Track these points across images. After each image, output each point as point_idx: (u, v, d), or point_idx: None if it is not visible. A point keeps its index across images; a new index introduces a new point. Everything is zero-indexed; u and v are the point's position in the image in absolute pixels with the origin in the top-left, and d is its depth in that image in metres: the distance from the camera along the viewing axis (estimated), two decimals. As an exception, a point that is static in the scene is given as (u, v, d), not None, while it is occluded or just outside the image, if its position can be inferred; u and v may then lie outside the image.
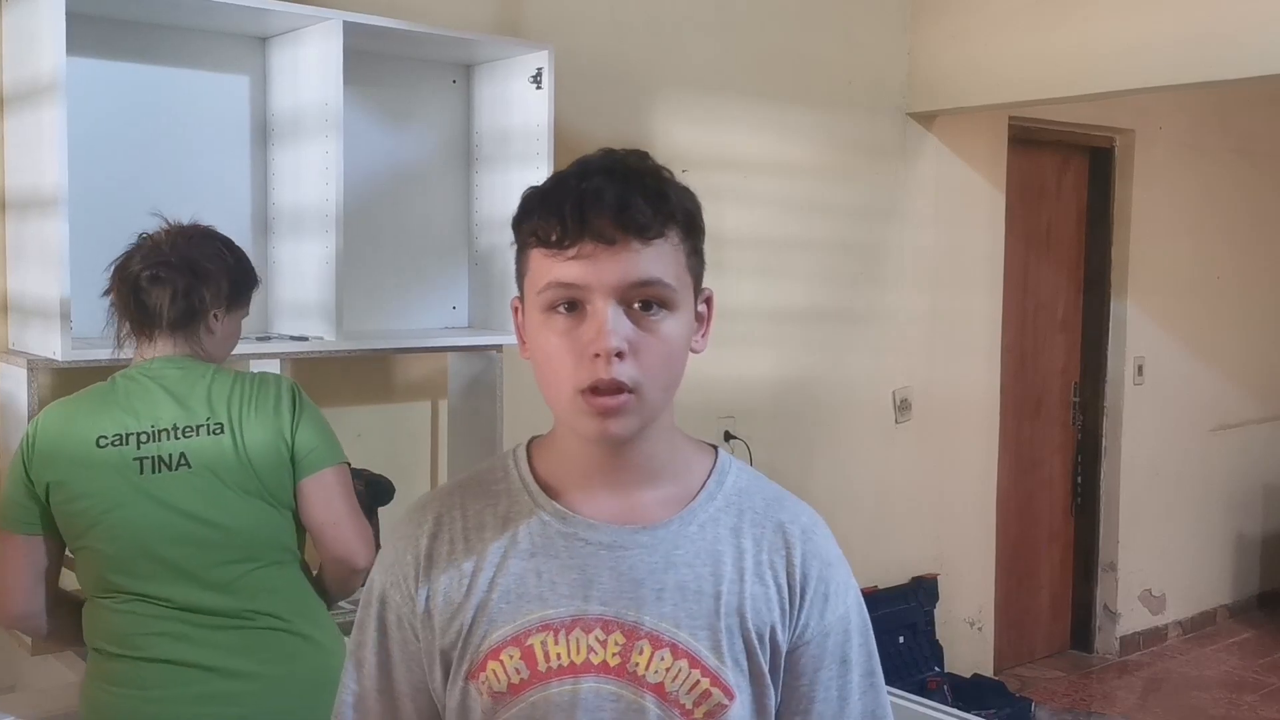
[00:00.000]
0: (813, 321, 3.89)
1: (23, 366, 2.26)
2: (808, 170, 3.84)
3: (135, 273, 1.94)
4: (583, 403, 1.07)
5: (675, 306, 1.09)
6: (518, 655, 1.11)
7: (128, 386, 1.94)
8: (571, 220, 1.05)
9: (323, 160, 2.52)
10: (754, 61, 3.67)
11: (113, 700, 1.90)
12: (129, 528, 1.88)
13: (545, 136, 2.79)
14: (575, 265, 1.06)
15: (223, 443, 1.91)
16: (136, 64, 2.51)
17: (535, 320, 1.10)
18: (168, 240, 1.98)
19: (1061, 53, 3.67)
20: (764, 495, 1.19)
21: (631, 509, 1.14)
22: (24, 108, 2.31)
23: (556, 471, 1.17)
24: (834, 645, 1.16)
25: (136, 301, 1.94)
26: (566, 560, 1.12)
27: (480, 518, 1.16)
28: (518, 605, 1.12)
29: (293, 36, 2.59)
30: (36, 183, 2.26)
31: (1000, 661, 4.77)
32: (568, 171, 1.11)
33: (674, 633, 1.10)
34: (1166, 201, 5.16)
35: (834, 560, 1.18)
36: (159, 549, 1.89)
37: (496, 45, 2.83)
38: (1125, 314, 5.07)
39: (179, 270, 1.94)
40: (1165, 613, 5.40)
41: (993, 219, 4.51)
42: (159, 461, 1.89)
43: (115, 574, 1.90)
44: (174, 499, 1.89)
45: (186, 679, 1.88)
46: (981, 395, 4.56)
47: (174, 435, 1.90)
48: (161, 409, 1.91)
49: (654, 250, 1.07)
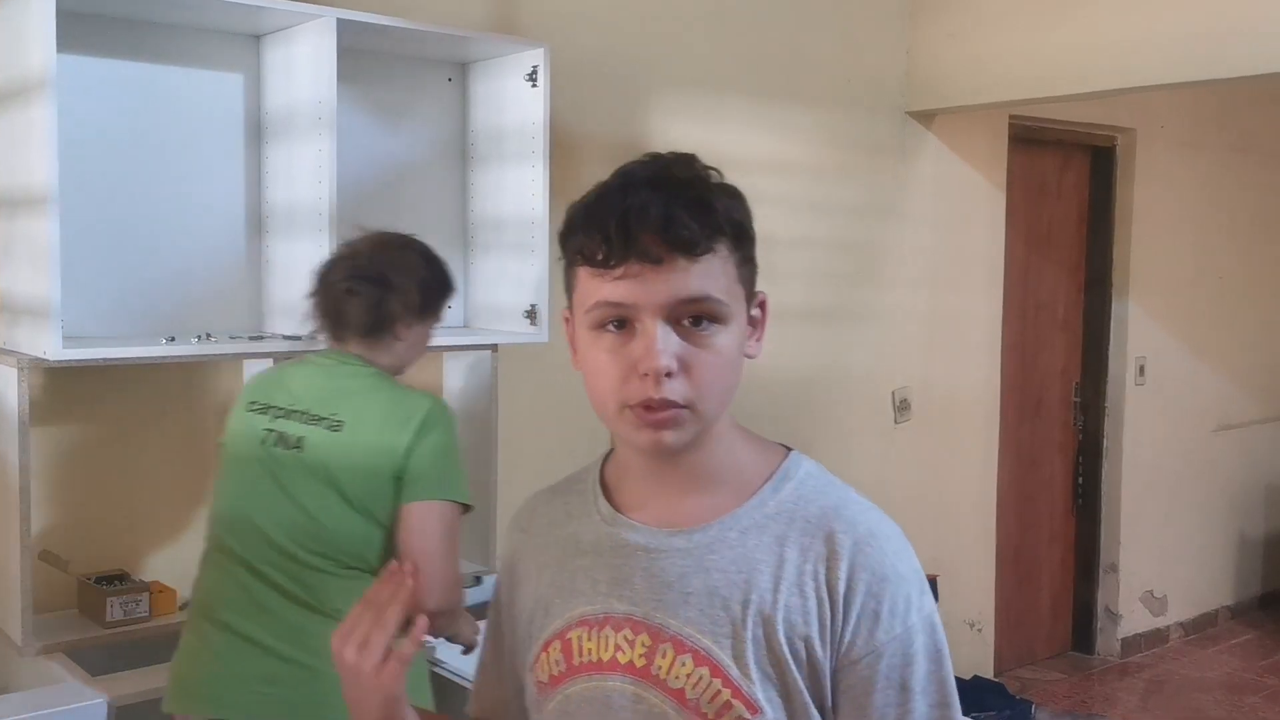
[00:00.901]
0: (811, 321, 3.88)
1: (14, 366, 2.24)
2: (806, 169, 3.82)
3: (334, 283, 2.10)
4: (632, 416, 1.06)
5: (726, 319, 1.07)
6: (559, 648, 1.14)
7: (299, 366, 2.13)
8: (616, 240, 1.03)
9: (316, 159, 2.50)
10: (752, 59, 3.66)
11: (182, 656, 2.07)
12: (241, 489, 2.05)
13: (541, 135, 2.77)
14: (622, 285, 1.04)
15: (335, 439, 2.00)
16: (128, 61, 2.49)
17: (585, 336, 1.09)
18: (367, 250, 2.12)
19: (1062, 51, 3.65)
20: (823, 503, 1.12)
21: (677, 513, 1.13)
22: (14, 105, 2.29)
23: (619, 474, 1.19)
24: (889, 668, 1.06)
25: (334, 309, 2.09)
26: (609, 559, 1.14)
27: (555, 515, 1.21)
28: (567, 600, 1.15)
29: (286, 34, 2.57)
30: (27, 181, 2.25)
31: (1000, 663, 4.75)
32: (612, 184, 1.07)
33: (697, 639, 1.08)
34: (1168, 200, 5.14)
35: (891, 576, 1.08)
36: (258, 518, 2.02)
37: (492, 43, 2.82)
38: (1127, 313, 5.05)
39: (374, 283, 2.07)
40: (1167, 614, 5.38)
41: (993, 218, 4.49)
42: (281, 438, 2.04)
43: (221, 526, 2.08)
44: (282, 477, 2.02)
45: (246, 654, 1.99)
46: (981, 395, 4.54)
47: (302, 419, 2.04)
48: (306, 392, 2.06)
49: (702, 266, 1.04)
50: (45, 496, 2.42)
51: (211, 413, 2.69)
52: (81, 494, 2.53)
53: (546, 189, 2.79)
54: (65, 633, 2.35)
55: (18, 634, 2.26)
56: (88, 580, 2.43)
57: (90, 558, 2.52)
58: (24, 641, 2.25)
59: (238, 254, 2.67)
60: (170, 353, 2.36)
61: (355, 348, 2.10)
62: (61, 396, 2.49)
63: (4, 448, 2.29)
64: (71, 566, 2.43)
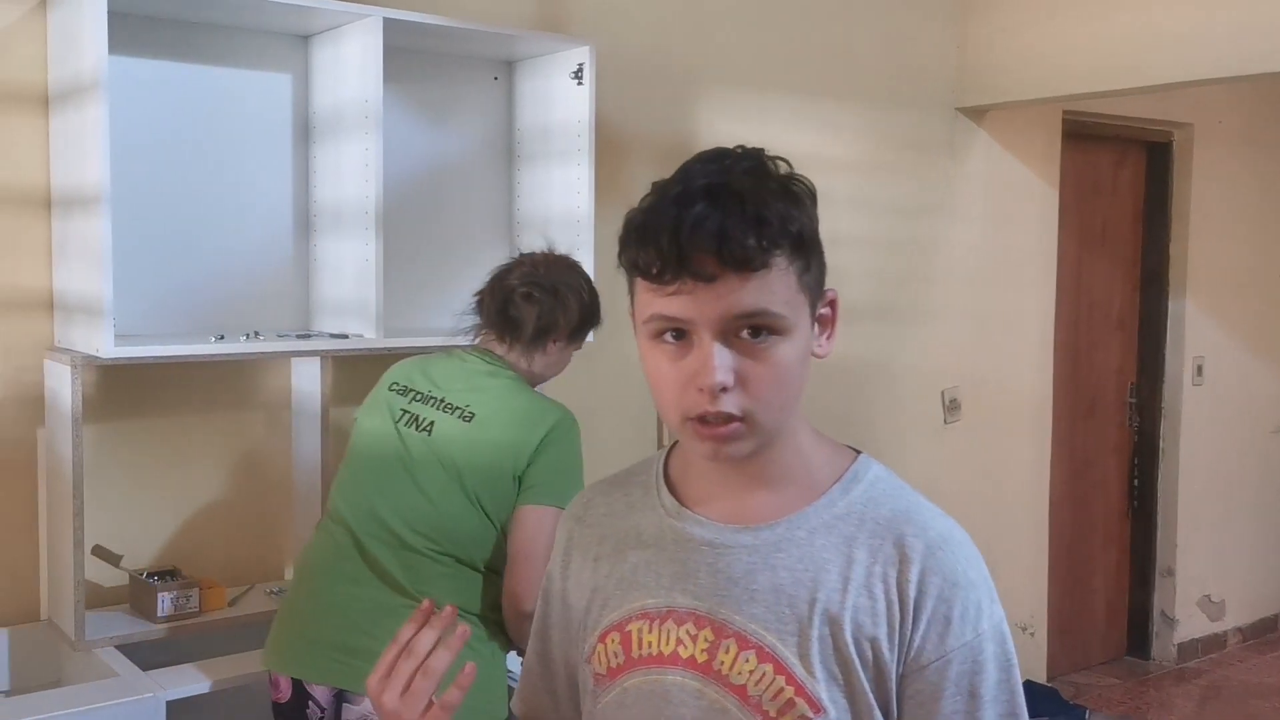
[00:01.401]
0: (860, 320, 3.84)
1: (67, 364, 2.27)
2: (855, 167, 3.78)
3: (512, 286, 2.18)
4: (693, 430, 1.06)
5: (785, 330, 1.05)
6: (617, 640, 1.14)
7: (445, 358, 2.22)
8: (670, 256, 1.01)
9: (363, 158, 2.51)
10: (799, 56, 3.62)
11: (279, 616, 2.18)
12: (366, 463, 2.14)
13: (587, 133, 2.77)
14: (676, 301, 1.02)
15: (463, 430, 2.09)
16: (178, 62, 2.52)
17: (644, 342, 1.09)
18: (544, 263, 2.23)
19: (1118, 43, 3.58)
20: (893, 507, 1.11)
21: (743, 509, 1.13)
22: (68, 106, 2.32)
23: (684, 468, 1.18)
24: (958, 675, 1.05)
25: (504, 312, 2.17)
26: (673, 553, 1.14)
27: (615, 506, 1.21)
28: (626, 592, 1.15)
29: (334, 34, 2.59)
30: (80, 181, 2.28)
31: (1054, 668, 4.67)
32: (669, 190, 1.04)
33: (761, 635, 1.08)
34: (1226, 197, 5.04)
35: (963, 582, 1.07)
36: (374, 493, 2.10)
37: (538, 41, 2.81)
38: (1184, 312, 4.95)
39: (547, 293, 2.17)
40: (1224, 619, 5.27)
41: (1045, 216, 4.43)
42: (414, 419, 2.12)
43: (338, 495, 2.16)
44: (406, 458, 2.09)
45: (332, 623, 2.06)
46: (1033, 395, 4.47)
47: (436, 405, 2.12)
48: (446, 382, 2.15)
49: (758, 281, 1.02)
50: (97, 492, 2.45)
51: (259, 410, 2.71)
52: (133, 490, 2.56)
53: (592, 188, 2.78)
54: (117, 628, 2.37)
55: (71, 628, 2.29)
56: (139, 575, 2.46)
57: (141, 553, 2.55)
58: (76, 635, 2.28)
59: (285, 253, 2.68)
60: (219, 351, 2.38)
61: (505, 350, 2.19)
62: (113, 394, 2.52)
63: (58, 444, 2.33)
64: (123, 562, 2.46)
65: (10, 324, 2.40)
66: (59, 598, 2.35)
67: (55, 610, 2.39)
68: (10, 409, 2.41)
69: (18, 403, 2.41)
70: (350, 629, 2.05)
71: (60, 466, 2.31)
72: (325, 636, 2.07)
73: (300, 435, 2.66)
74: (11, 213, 2.39)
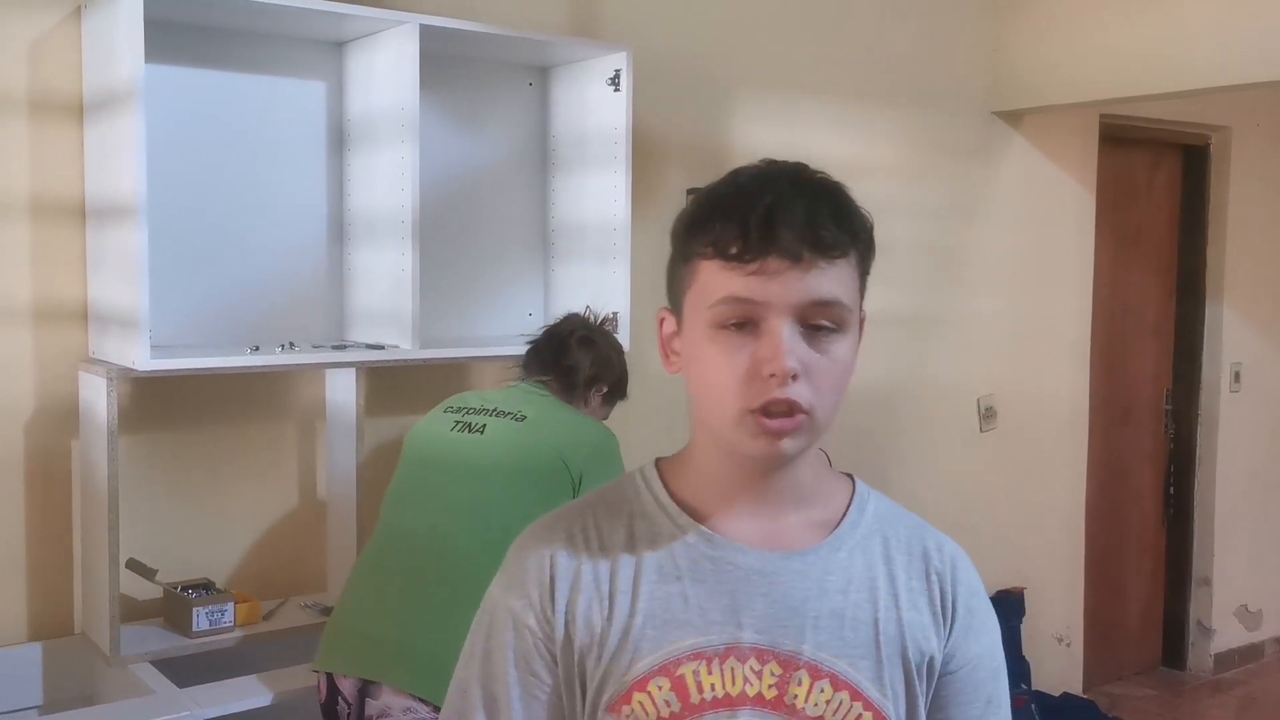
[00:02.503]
0: (893, 326, 3.79)
1: (102, 376, 2.25)
2: (889, 171, 3.74)
3: (567, 333, 2.36)
4: (753, 423, 1.02)
5: (848, 328, 1.05)
6: (668, 686, 1.04)
7: (507, 390, 2.33)
8: (757, 233, 1.00)
9: (399, 166, 2.48)
10: (834, 60, 3.58)
11: (333, 619, 2.19)
12: (420, 471, 2.20)
13: (623, 139, 2.73)
14: (756, 281, 1.00)
15: (515, 428, 2.17)
16: (214, 70, 2.49)
17: (699, 335, 1.04)
18: (591, 323, 2.43)
19: (1155, 47, 3.53)
20: (906, 523, 1.15)
21: (776, 533, 1.09)
22: (103, 115, 2.30)
23: (697, 492, 1.11)
24: (980, 681, 1.11)
25: (559, 358, 2.32)
26: (715, 585, 1.06)
27: (614, 537, 1.10)
28: (664, 631, 1.05)
29: (369, 41, 2.56)
30: (115, 190, 2.25)
31: (1089, 679, 4.61)
32: (744, 178, 1.05)
33: (833, 663, 1.05)
34: (1264, 201, 4.96)
35: (980, 591, 1.14)
36: (428, 497, 2.15)
37: (573, 47, 2.78)
38: (1221, 318, 4.88)
39: (599, 345, 2.37)
40: (1262, 629, 5.19)
41: (1081, 220, 4.37)
42: (468, 426, 2.20)
43: (391, 502, 2.21)
44: (459, 460, 2.15)
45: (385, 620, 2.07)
46: (1069, 402, 4.41)
47: (488, 414, 2.21)
48: (498, 399, 2.26)
49: (836, 270, 1.02)
50: (132, 505, 2.42)
51: (294, 422, 2.68)
52: (167, 503, 2.53)
53: (629, 195, 2.74)
54: (151, 642, 2.35)
55: (105, 642, 2.27)
56: (174, 589, 2.43)
57: (176, 566, 2.52)
58: (111, 650, 2.26)
59: (320, 262, 2.66)
60: (255, 362, 2.35)
61: (557, 389, 2.30)
62: (148, 406, 2.50)
63: (92, 457, 2.30)
64: (158, 575, 2.43)
65: (45, 335, 2.38)
66: (93, 612, 2.33)
67: (89, 624, 2.36)
68: (45, 421, 2.39)
69: (52, 415, 2.39)
70: (378, 618, 2.08)
71: (95, 479, 2.29)
72: (354, 627, 2.12)
73: (334, 447, 2.63)
74: (46, 223, 2.37)
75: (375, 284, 2.58)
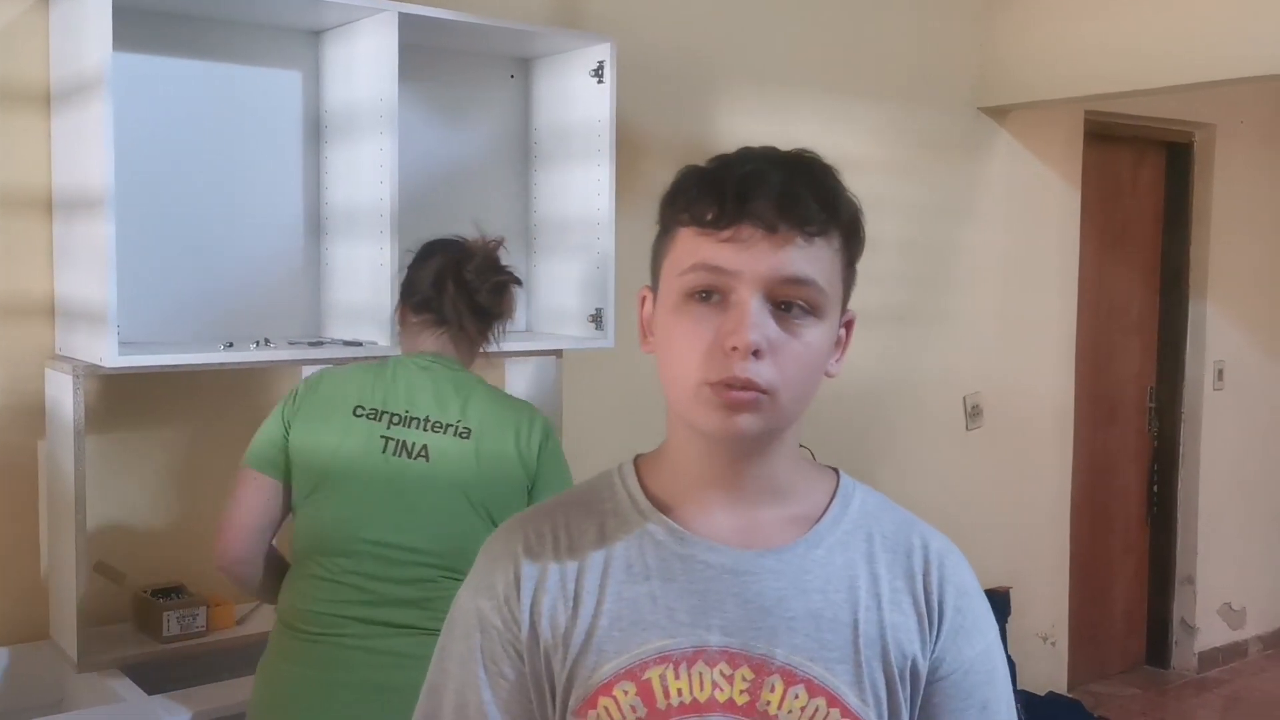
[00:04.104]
0: (880, 324, 3.75)
1: (69, 373, 2.18)
2: (875, 167, 3.70)
3: (482, 276, 2.05)
4: (710, 393, 0.98)
5: (822, 314, 1.00)
6: (633, 691, 1.00)
7: (397, 370, 2.01)
8: (733, 200, 0.97)
9: (377, 158, 2.42)
10: (821, 54, 3.54)
11: (291, 677, 1.91)
12: (354, 501, 1.92)
13: (607, 132, 2.68)
14: (728, 249, 0.97)
15: (466, 448, 1.95)
16: (186, 59, 2.43)
17: (668, 306, 1.02)
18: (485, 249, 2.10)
19: (1141, 43, 3.51)
20: (893, 519, 1.09)
21: (752, 529, 1.04)
22: (71, 105, 2.23)
23: (669, 487, 1.07)
24: (974, 686, 1.05)
25: (472, 305, 2.03)
26: (685, 584, 1.02)
27: (584, 536, 1.06)
28: (631, 633, 1.01)
29: (347, 30, 2.50)
30: (83, 182, 2.19)
31: (1073, 677, 4.59)
32: (731, 155, 1.03)
33: (809, 667, 1.00)
34: (1248, 198, 4.96)
35: (971, 590, 1.08)
36: (373, 531, 1.91)
37: (556, 38, 2.72)
38: (1204, 316, 4.87)
39: (508, 282, 2.09)
40: (1245, 627, 5.19)
41: (1067, 217, 4.35)
42: (402, 446, 1.94)
43: (325, 541, 1.93)
44: (404, 487, 1.92)
45: (359, 663, 1.88)
46: (1055, 401, 4.39)
47: (423, 426, 1.95)
48: (419, 398, 1.97)
49: (813, 249, 0.99)
50: (100, 507, 2.36)
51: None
52: (137, 504, 2.47)
53: (612, 189, 2.69)
54: (120, 647, 2.29)
55: (73, 648, 2.20)
56: (144, 593, 2.37)
57: (146, 570, 2.46)
58: (79, 656, 2.19)
59: (295, 257, 2.59)
60: (228, 359, 2.29)
61: (454, 345, 2.06)
62: (117, 404, 2.43)
63: (60, 456, 2.24)
64: (127, 579, 2.37)
65: (10, 331, 2.31)
66: (60, 616, 2.27)
67: (57, 629, 2.30)
68: (10, 420, 2.32)
69: (18, 413, 2.32)
70: (379, 666, 1.90)
71: (61, 479, 2.22)
72: (357, 678, 1.88)
73: (311, 446, 2.57)
74: (12, 215, 2.30)
75: (353, 279, 2.52)
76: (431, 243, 2.14)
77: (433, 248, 2.12)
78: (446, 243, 2.12)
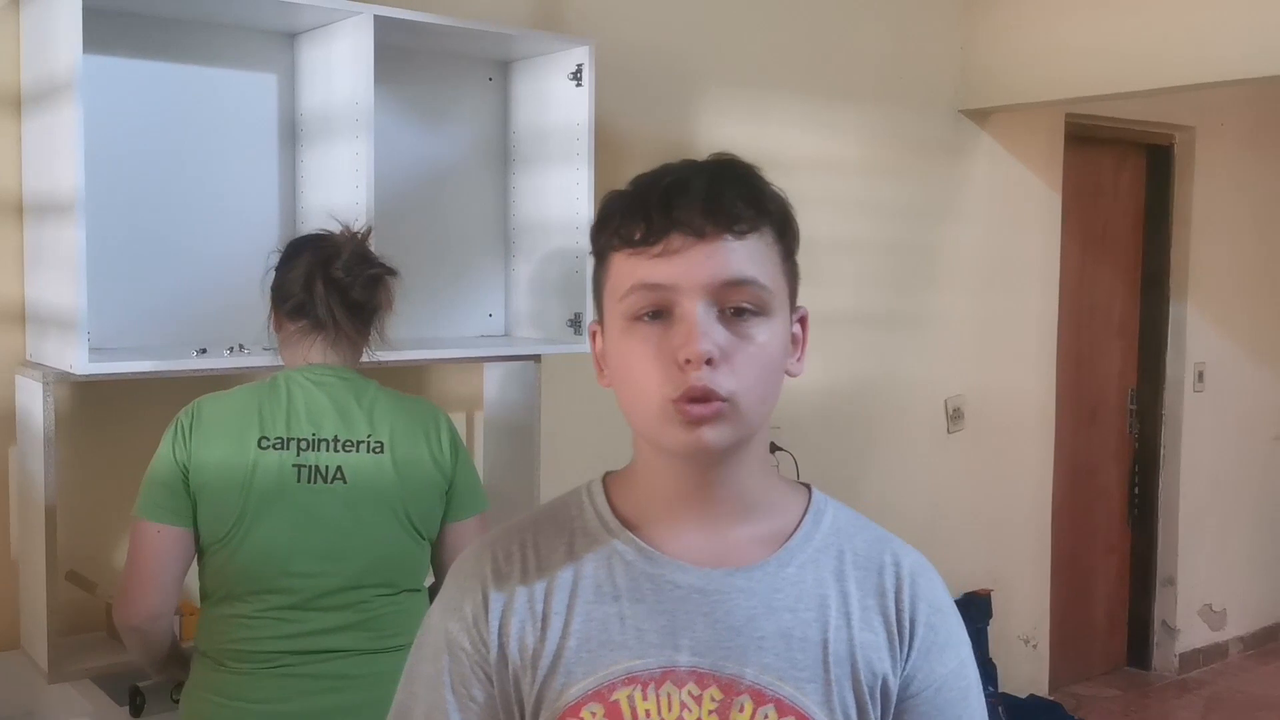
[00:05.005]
0: (860, 327, 3.74)
1: (39, 380, 2.15)
2: (856, 169, 3.69)
3: (351, 273, 1.91)
4: (673, 410, 0.96)
5: (771, 312, 0.99)
6: (601, 713, 0.99)
7: (291, 389, 1.89)
8: (657, 214, 0.96)
9: (353, 161, 2.40)
10: (801, 56, 3.53)
11: (225, 712, 1.84)
12: (275, 536, 1.83)
13: (586, 136, 2.66)
14: (662, 263, 0.97)
15: (382, 463, 1.88)
16: (158, 62, 2.40)
17: (617, 332, 1.01)
18: (352, 242, 1.96)
19: (1122, 46, 3.51)
20: (865, 536, 1.08)
21: (722, 548, 1.03)
22: (42, 108, 2.21)
23: (639, 505, 1.06)
24: (946, 703, 1.04)
25: (345, 304, 1.90)
26: (654, 605, 1.01)
27: (553, 555, 1.05)
28: (598, 654, 1.00)
29: (323, 32, 2.47)
30: (53, 186, 2.16)
31: (1055, 679, 4.59)
32: (650, 172, 1.02)
33: (778, 686, 0.99)
34: (1228, 201, 4.97)
35: (944, 607, 1.07)
36: (300, 563, 1.84)
37: (534, 40, 2.70)
38: (1185, 318, 4.89)
39: (384, 275, 1.96)
40: (1226, 628, 5.21)
41: (1048, 219, 4.35)
42: (316, 472, 1.85)
43: (250, 580, 1.84)
44: (325, 513, 1.85)
45: (304, 690, 1.83)
46: (1036, 403, 4.39)
47: (333, 448, 1.87)
48: (323, 418, 1.88)
49: (747, 246, 0.98)
50: (72, 516, 2.33)
51: (244, 426, 2.59)
52: (109, 513, 2.44)
53: (591, 192, 2.67)
54: (92, 657, 2.26)
55: (43, 658, 2.17)
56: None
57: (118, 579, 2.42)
58: (50, 667, 2.16)
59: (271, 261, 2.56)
60: (201, 366, 2.26)
61: (336, 348, 1.93)
62: (88, 411, 2.40)
63: (30, 465, 2.21)
64: (99, 588, 2.34)
65: (-21, 337, 2.28)
66: (31, 627, 2.24)
67: (28, 639, 2.27)
68: (-21, 427, 2.29)
69: (-13, 420, 2.29)
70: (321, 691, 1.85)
71: (32, 488, 2.20)
72: (294, 708, 1.84)
73: (286, 452, 2.54)
74: (-20, 220, 2.27)
75: (328, 284, 2.49)
76: (296, 241, 2.05)
77: (298, 246, 2.00)
78: (311, 239, 2.01)
